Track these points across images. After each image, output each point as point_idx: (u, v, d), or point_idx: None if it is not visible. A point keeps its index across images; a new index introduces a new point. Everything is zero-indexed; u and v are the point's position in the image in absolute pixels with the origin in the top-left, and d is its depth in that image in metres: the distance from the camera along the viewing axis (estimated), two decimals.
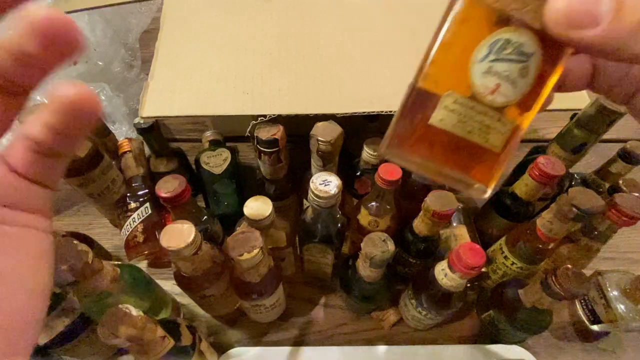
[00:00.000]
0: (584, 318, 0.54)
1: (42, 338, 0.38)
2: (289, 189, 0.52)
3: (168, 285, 0.51)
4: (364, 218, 0.48)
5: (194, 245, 0.37)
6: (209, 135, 0.62)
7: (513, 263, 0.48)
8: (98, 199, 0.54)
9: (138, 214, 0.52)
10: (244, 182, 0.59)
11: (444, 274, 0.41)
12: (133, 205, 0.53)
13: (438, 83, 0.16)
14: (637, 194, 0.51)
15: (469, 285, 0.53)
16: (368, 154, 0.48)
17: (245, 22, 0.51)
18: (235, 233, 0.37)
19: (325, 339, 0.53)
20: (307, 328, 0.54)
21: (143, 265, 0.57)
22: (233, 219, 0.50)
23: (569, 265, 0.40)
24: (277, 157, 0.45)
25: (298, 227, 0.48)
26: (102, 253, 0.56)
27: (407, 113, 0.17)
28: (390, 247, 0.39)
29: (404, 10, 0.52)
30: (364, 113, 0.42)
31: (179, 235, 0.36)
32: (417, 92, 0.17)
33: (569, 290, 0.38)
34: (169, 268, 0.57)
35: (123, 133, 0.66)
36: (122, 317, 0.31)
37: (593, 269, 0.54)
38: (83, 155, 0.48)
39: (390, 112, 0.42)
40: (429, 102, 0.16)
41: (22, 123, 0.14)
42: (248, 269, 0.37)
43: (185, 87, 0.44)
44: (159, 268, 0.57)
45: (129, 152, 0.54)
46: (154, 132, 0.53)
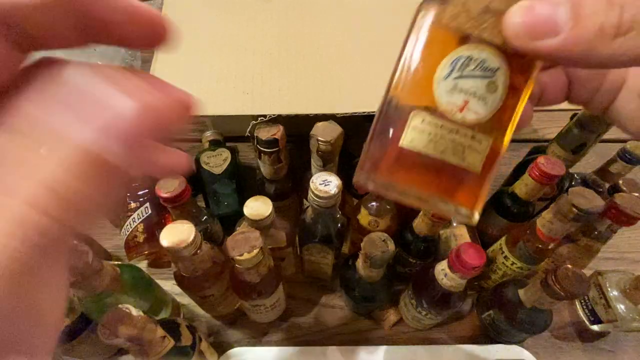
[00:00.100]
0: (584, 318, 0.54)
1: None
2: (289, 189, 0.52)
3: (168, 285, 0.51)
4: (364, 218, 0.48)
5: (194, 245, 0.37)
6: (209, 135, 0.62)
7: (513, 263, 0.48)
8: None
9: (138, 214, 0.52)
10: (244, 182, 0.59)
11: (444, 274, 0.41)
12: (133, 205, 0.53)
13: (405, 104, 0.16)
14: (637, 194, 0.51)
15: (469, 285, 0.53)
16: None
17: (245, 22, 0.51)
18: (235, 233, 0.37)
19: (325, 339, 0.53)
20: (307, 328, 0.54)
21: (143, 265, 0.57)
22: (233, 219, 0.50)
23: (569, 265, 0.40)
24: (277, 157, 0.45)
25: (298, 227, 0.48)
26: (102, 253, 0.56)
27: (377, 136, 0.17)
28: (390, 247, 0.39)
29: (404, 10, 0.52)
30: (364, 113, 0.42)
31: (179, 236, 0.36)
32: (385, 114, 0.17)
33: (569, 290, 0.38)
34: (169, 268, 0.57)
35: None
36: (122, 317, 0.31)
37: (593, 269, 0.54)
38: None
39: None
40: (398, 123, 0.16)
41: None
42: (248, 269, 0.37)
43: (185, 87, 0.43)
44: (159, 268, 0.57)
45: None
46: None
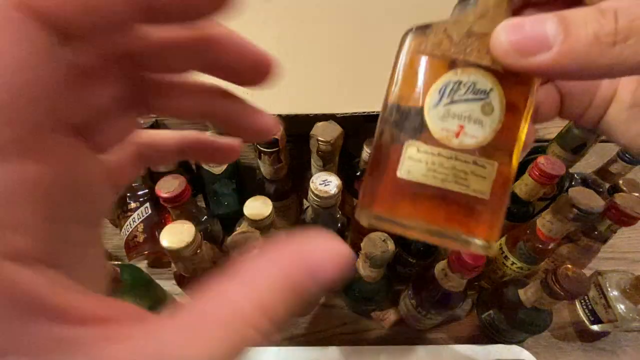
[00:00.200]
0: (584, 318, 0.54)
1: None
2: (289, 189, 0.52)
3: (168, 285, 0.51)
4: None
5: (194, 245, 0.36)
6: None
7: (513, 263, 0.48)
8: None
9: (138, 214, 0.52)
10: (244, 182, 0.59)
11: (444, 274, 0.41)
12: (133, 205, 0.53)
13: (399, 135, 0.16)
14: (637, 194, 0.51)
15: (469, 285, 0.53)
16: (368, 154, 0.48)
17: (245, 22, 0.51)
18: (235, 233, 0.37)
19: (325, 339, 0.53)
20: (307, 328, 0.54)
21: (143, 265, 0.57)
22: (233, 219, 0.50)
23: (569, 265, 0.40)
24: (277, 157, 0.45)
25: (298, 227, 0.48)
26: None
27: (374, 171, 0.16)
28: (390, 247, 0.39)
29: (404, 10, 0.52)
30: (364, 113, 0.42)
31: (179, 235, 0.36)
32: (379, 147, 0.16)
33: (569, 290, 0.38)
34: (169, 268, 0.57)
35: None
36: None
37: (593, 269, 0.54)
38: None
39: None
40: (394, 155, 0.15)
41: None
42: None
43: None
44: (159, 268, 0.57)
45: None
46: None
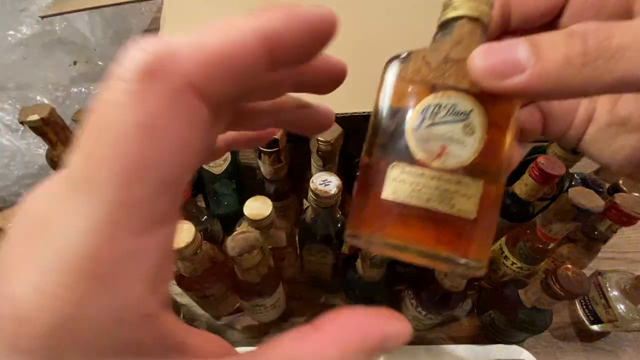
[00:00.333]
0: (584, 318, 0.54)
1: None
2: (289, 189, 0.52)
3: None
4: None
5: (194, 245, 0.37)
6: None
7: (513, 263, 0.48)
8: None
9: None
10: (244, 182, 0.59)
11: (444, 274, 0.41)
12: None
13: (383, 157, 0.16)
14: (637, 194, 0.51)
15: (469, 285, 0.53)
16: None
17: None
18: (235, 233, 0.37)
19: None
20: None
21: None
22: (233, 219, 0.50)
23: (569, 265, 0.40)
24: (277, 157, 0.45)
25: (298, 227, 0.48)
26: None
27: (360, 193, 0.17)
28: None
29: (404, 10, 0.52)
30: (364, 113, 0.42)
31: (179, 235, 0.36)
32: (364, 168, 0.17)
33: (569, 290, 0.38)
34: None
35: None
36: None
37: (593, 269, 0.54)
38: None
39: None
40: (378, 177, 0.16)
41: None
42: (248, 269, 0.37)
43: None
44: None
45: None
46: None
